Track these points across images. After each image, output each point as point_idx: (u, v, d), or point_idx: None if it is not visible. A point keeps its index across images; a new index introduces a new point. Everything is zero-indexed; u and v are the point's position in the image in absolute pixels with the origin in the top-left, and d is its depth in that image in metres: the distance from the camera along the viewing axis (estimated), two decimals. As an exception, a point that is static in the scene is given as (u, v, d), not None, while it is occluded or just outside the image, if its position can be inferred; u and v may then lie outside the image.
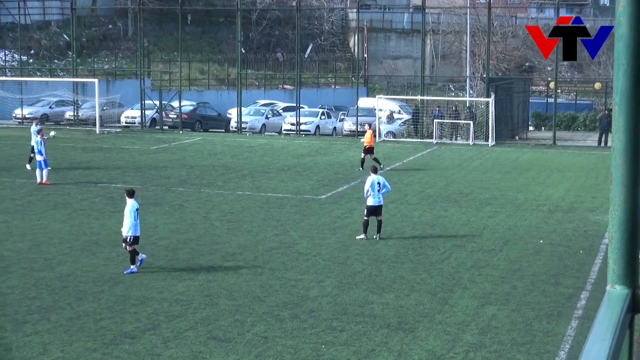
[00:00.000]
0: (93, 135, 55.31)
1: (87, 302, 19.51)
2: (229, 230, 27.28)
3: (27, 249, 24.51)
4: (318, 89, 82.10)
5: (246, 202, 32.19)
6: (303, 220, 28.85)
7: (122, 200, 31.75)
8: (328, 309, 19.13)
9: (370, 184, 26.01)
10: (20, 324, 17.92)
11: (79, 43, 73.09)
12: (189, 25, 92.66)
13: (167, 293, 20.26)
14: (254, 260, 23.44)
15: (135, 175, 38.14)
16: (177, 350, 16.50)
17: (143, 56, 65.90)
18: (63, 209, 30.33)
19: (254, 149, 48.96)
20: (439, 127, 54.58)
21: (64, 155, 41.14)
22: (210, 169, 40.40)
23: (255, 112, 63.45)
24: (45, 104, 65.33)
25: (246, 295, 20.10)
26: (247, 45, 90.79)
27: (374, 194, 25.96)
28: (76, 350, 16.46)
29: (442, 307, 19.40)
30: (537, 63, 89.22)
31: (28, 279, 21.33)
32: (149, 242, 25.40)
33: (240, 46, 63.98)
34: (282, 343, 16.91)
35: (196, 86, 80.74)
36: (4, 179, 36.54)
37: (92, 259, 23.37)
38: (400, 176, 38.94)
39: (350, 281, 21.47)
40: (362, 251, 24.60)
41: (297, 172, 39.98)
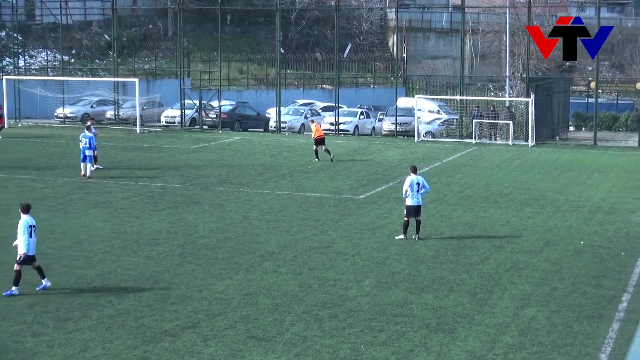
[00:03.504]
0: (133, 135, 55.68)
1: (127, 299, 19.67)
2: (268, 229, 27.36)
3: (69, 247, 24.75)
4: (357, 89, 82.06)
5: (285, 201, 32.27)
6: (342, 220, 28.87)
7: (162, 199, 32.07)
8: (367, 309, 19.13)
9: (409, 184, 25.96)
10: (62, 321, 18.11)
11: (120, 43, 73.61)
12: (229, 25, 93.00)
13: (206, 292, 20.37)
14: (293, 260, 23.50)
15: (175, 174, 38.36)
16: (216, 348, 16.60)
17: (183, 56, 66.26)
18: (104, 208, 30.58)
19: (292, 148, 49.05)
20: (478, 127, 54.37)
21: (105, 154, 41.45)
22: (250, 169, 40.53)
23: (294, 111, 63.54)
24: (86, 103, 65.87)
25: (285, 295, 20.16)
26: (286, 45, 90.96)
27: (413, 194, 25.91)
28: (117, 347, 16.60)
29: (482, 308, 19.34)
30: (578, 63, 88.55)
31: (70, 277, 21.54)
32: (189, 240, 25.57)
33: (280, 46, 64.10)
34: (320, 342, 16.94)
35: (235, 86, 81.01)
36: (46, 178, 36.90)
37: (133, 257, 23.55)
38: (439, 176, 38.84)
39: (389, 281, 21.46)
40: (401, 251, 24.58)
41: (336, 172, 40.00)
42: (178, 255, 23.82)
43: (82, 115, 63.14)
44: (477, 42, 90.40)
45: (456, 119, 58.86)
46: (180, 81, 62.93)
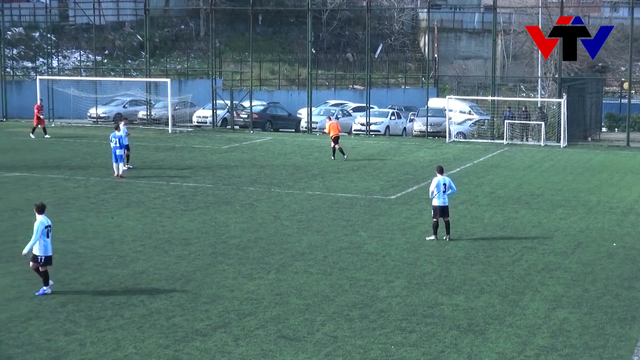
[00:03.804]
0: (165, 135, 55.94)
1: (159, 299, 19.77)
2: (299, 229, 27.41)
3: (101, 246, 24.92)
4: (388, 89, 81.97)
5: (316, 201, 32.31)
6: (373, 221, 28.87)
7: (193, 199, 32.21)
8: (397, 309, 19.13)
9: (436, 184, 25.93)
10: (94, 319, 18.24)
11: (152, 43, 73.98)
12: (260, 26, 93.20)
13: (237, 291, 20.44)
14: (323, 260, 23.53)
15: (207, 174, 38.51)
16: (247, 348, 16.65)
17: (215, 56, 66.49)
18: (136, 207, 30.75)
19: (324, 148, 49.06)
20: (510, 127, 54.16)
21: (137, 154, 41.68)
22: (281, 169, 40.61)
23: (325, 112, 63.55)
24: (119, 103, 66.26)
25: (316, 295, 20.19)
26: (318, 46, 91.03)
27: (440, 195, 25.88)
28: (148, 346, 16.70)
29: (513, 309, 19.27)
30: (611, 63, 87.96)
31: (102, 276, 21.69)
32: (221, 240, 25.66)
33: (311, 46, 64.18)
34: (351, 343, 16.96)
35: (267, 86, 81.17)
36: (79, 177, 37.16)
37: (164, 257, 23.67)
38: (470, 177, 38.74)
39: (420, 282, 21.44)
40: (431, 252, 24.54)
41: (367, 172, 40.00)
42: (209, 255, 23.92)
43: (115, 115, 63.51)
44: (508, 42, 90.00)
45: (488, 119, 58.65)
46: (212, 81, 63.14)
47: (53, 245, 24.57)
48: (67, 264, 22.74)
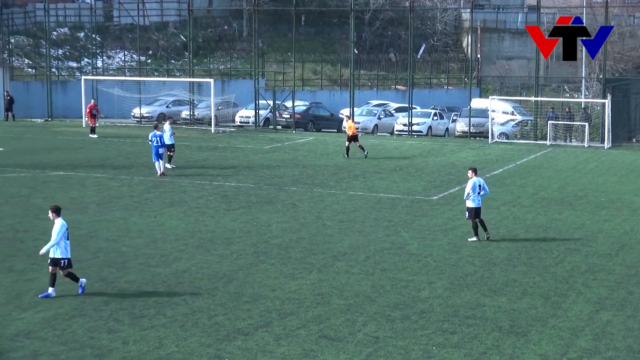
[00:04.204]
0: (208, 135, 56.21)
1: (201, 298, 19.89)
2: (340, 230, 27.43)
3: (145, 245, 25.10)
4: (430, 90, 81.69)
5: (358, 202, 32.31)
6: (414, 221, 28.82)
7: (236, 199, 32.34)
8: (439, 310, 19.09)
9: (472, 186, 25.87)
10: (137, 318, 18.39)
11: (196, 43, 74.34)
12: (303, 26, 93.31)
13: (279, 291, 20.50)
14: (365, 261, 23.54)
15: (249, 174, 38.64)
16: (288, 347, 16.70)
17: (257, 56, 66.66)
18: (179, 207, 30.94)
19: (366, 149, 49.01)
20: (553, 128, 53.80)
21: (180, 154, 41.92)
22: (323, 169, 40.65)
23: (367, 112, 63.53)
24: (162, 103, 66.66)
25: (357, 295, 20.20)
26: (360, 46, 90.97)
27: (475, 196, 25.85)
28: (190, 345, 16.80)
29: (556, 311, 19.16)
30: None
31: (145, 275, 21.85)
32: (263, 240, 25.75)
33: (353, 46, 64.18)
34: (392, 343, 16.95)
35: (309, 86, 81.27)
36: (122, 177, 37.45)
37: (207, 256, 23.80)
38: (513, 178, 38.55)
39: (462, 283, 21.38)
40: (473, 253, 24.46)
41: (409, 172, 39.93)
42: (251, 255, 24.01)
43: (158, 115, 63.91)
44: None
45: (531, 120, 58.29)
46: (255, 82, 63.32)
47: (97, 244, 24.89)
48: (111, 263, 22.95)
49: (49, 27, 70.26)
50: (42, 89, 67.28)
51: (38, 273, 21.70)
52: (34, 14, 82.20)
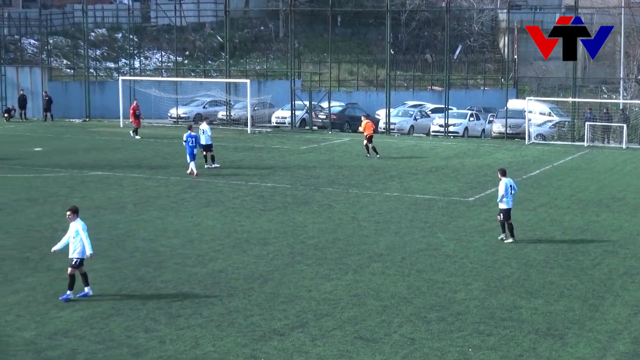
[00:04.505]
0: (244, 135, 56.37)
1: (237, 298, 19.96)
2: (376, 230, 27.41)
3: (181, 245, 25.22)
4: (467, 90, 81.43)
5: (394, 203, 32.27)
6: (451, 222, 28.75)
7: (272, 199, 32.40)
8: (475, 312, 19.03)
9: (504, 187, 25.82)
10: (174, 317, 18.49)
11: (232, 44, 74.59)
12: (339, 27, 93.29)
13: (315, 292, 20.53)
14: (401, 262, 23.51)
15: (285, 175, 38.71)
16: (324, 348, 16.72)
17: (294, 57, 66.75)
18: (215, 207, 31.06)
19: (402, 150, 49.00)
20: (591, 129, 53.43)
21: (216, 154, 42.04)
22: (359, 170, 40.63)
23: (403, 113, 63.44)
24: (199, 103, 66.93)
25: (393, 296, 20.19)
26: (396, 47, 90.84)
27: (508, 197, 25.83)
28: (227, 345, 16.87)
29: (593, 314, 19.04)
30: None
31: (181, 274, 21.96)
32: (299, 240, 25.79)
33: (390, 47, 64.11)
34: (428, 345, 16.92)
35: (345, 87, 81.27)
36: (159, 177, 37.65)
37: (243, 256, 23.87)
38: (550, 179, 38.34)
39: (498, 285, 21.29)
40: (510, 255, 24.35)
41: (445, 173, 39.82)
42: (287, 255, 24.06)
43: (195, 115, 64.20)
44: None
45: (568, 121, 57.94)
46: (291, 82, 63.42)
47: (134, 244, 25.05)
48: (148, 262, 23.09)
49: (87, 28, 70.79)
50: (80, 89, 67.80)
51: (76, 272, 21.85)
52: (72, 15, 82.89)
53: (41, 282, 21.04)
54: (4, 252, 24.03)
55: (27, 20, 78.79)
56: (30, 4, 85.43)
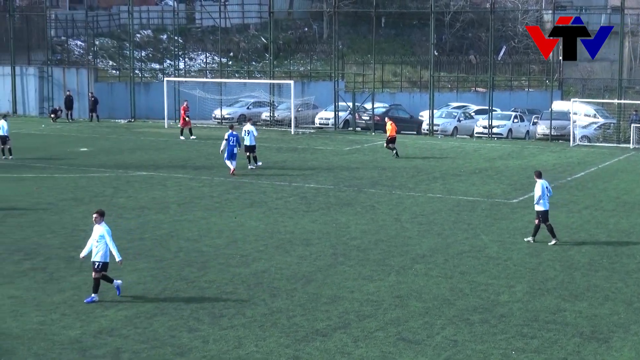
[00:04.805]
0: (288, 136, 56.49)
1: (280, 298, 20.03)
2: (419, 232, 27.37)
3: (225, 245, 25.36)
4: (511, 92, 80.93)
5: (437, 204, 32.20)
6: (494, 224, 28.63)
7: (315, 200, 32.46)
8: (519, 314, 18.95)
9: (541, 189, 25.79)
10: (217, 317, 18.60)
11: (276, 45, 74.73)
12: (383, 28, 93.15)
13: (358, 293, 20.55)
14: (444, 263, 23.46)
15: (328, 176, 38.75)
16: (367, 349, 16.74)
17: (337, 58, 66.77)
18: (259, 207, 31.17)
19: (445, 151, 48.85)
20: (637, 131, 52.91)
21: (260, 155, 42.19)
22: (402, 171, 40.57)
23: (447, 114, 63.21)
24: (243, 104, 67.16)
25: (436, 298, 20.16)
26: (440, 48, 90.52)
27: (545, 199, 25.77)
28: (269, 345, 16.94)
29: (638, 317, 18.87)
30: None
31: (225, 274, 22.08)
32: (341, 241, 25.82)
33: (433, 48, 63.93)
34: (471, 347, 16.88)
35: (389, 88, 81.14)
36: (203, 177, 37.86)
37: (286, 257, 23.95)
38: (595, 182, 38.03)
39: (542, 287, 21.18)
40: (554, 257, 24.21)
41: (489, 175, 39.65)
42: (330, 256, 24.10)
43: (239, 116, 64.43)
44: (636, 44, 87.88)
45: (613, 123, 57.39)
46: (335, 83, 63.43)
47: (178, 244, 25.23)
48: (192, 262, 23.24)
49: (133, 29, 71.32)
50: (125, 90, 68.32)
51: (120, 271, 22.06)
52: (118, 17, 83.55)
53: (86, 281, 21.24)
54: (50, 252, 24.32)
55: (74, 22, 79.57)
56: (77, 5, 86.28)
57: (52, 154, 45.67)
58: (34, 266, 22.88)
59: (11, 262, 23.25)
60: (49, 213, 29.64)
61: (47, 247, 24.95)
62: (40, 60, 70.89)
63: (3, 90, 69.85)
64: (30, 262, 23.24)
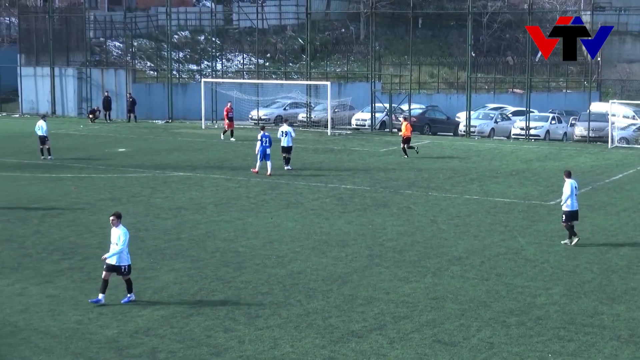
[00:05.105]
0: (324, 137, 56.53)
1: (316, 299, 20.06)
2: (455, 234, 27.30)
3: (261, 245, 25.43)
4: (548, 93, 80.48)
5: (474, 206, 32.09)
6: (531, 226, 28.49)
7: (351, 201, 32.46)
8: (555, 317, 18.85)
9: (570, 188, 25.66)
10: (253, 318, 18.66)
11: (313, 46, 74.88)
12: (420, 29, 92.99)
13: (393, 294, 20.54)
14: (480, 265, 23.38)
15: (364, 177, 38.73)
16: (402, 351, 16.73)
17: (374, 59, 66.70)
18: (295, 208, 31.23)
19: (482, 153, 48.66)
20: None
21: (296, 156, 42.28)
22: (438, 172, 40.46)
23: (484, 115, 62.97)
24: (279, 105, 67.26)
25: (472, 300, 20.10)
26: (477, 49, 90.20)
27: (574, 199, 25.64)
28: (305, 346, 16.97)
29: (676, 321, 18.73)
30: None
31: (261, 275, 22.15)
32: (377, 242, 25.81)
33: (471, 49, 63.71)
34: (507, 350, 16.82)
35: (425, 89, 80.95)
36: (240, 178, 37.99)
37: (322, 258, 23.98)
38: (633, 184, 37.73)
39: (579, 290, 21.05)
40: (592, 260, 24.04)
41: (526, 177, 39.45)
42: (366, 257, 24.10)
43: (276, 117, 64.56)
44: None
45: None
46: (371, 84, 63.41)
47: (215, 244, 25.35)
48: (228, 263, 23.33)
49: (171, 30, 71.71)
50: (163, 91, 68.71)
51: (157, 271, 22.23)
52: (156, 18, 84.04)
53: (123, 281, 21.38)
54: (88, 251, 24.51)
55: (113, 23, 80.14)
56: (115, 7, 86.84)
57: (90, 154, 46.04)
58: (72, 266, 23.09)
59: (49, 261, 23.48)
60: (86, 213, 29.88)
61: (84, 246, 25.16)
62: (79, 61, 71.44)
63: (42, 91, 70.54)
64: (68, 262, 23.44)
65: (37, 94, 70.92)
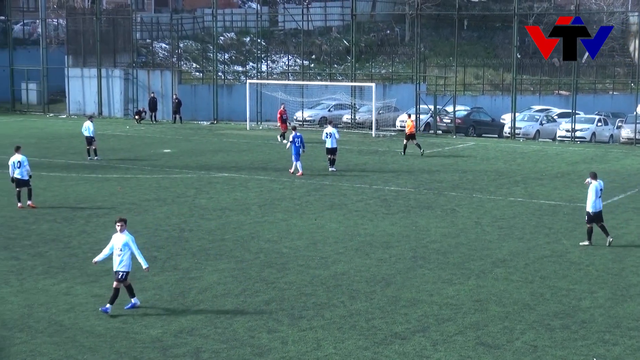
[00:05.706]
0: (369, 139, 56.51)
1: (359, 301, 20.09)
2: (500, 236, 27.19)
3: (304, 247, 25.50)
4: (595, 95, 79.84)
5: (518, 208, 31.92)
6: (576, 229, 28.27)
7: (395, 203, 32.44)
8: (600, 321, 18.72)
9: (595, 190, 25.53)
10: (296, 319, 18.73)
11: (358, 48, 74.87)
12: (465, 30, 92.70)
13: (437, 296, 20.51)
14: (524, 268, 23.27)
15: (409, 179, 38.67)
16: (445, 353, 16.70)
17: (419, 61, 66.56)
18: (339, 210, 31.27)
19: (527, 155, 48.37)
20: None
21: (341, 157, 42.29)
22: (483, 174, 40.30)
23: (529, 117, 62.60)
24: (324, 107, 67.32)
25: (516, 303, 20.01)
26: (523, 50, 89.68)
27: (598, 200, 25.46)
28: (348, 347, 17.01)
29: None
30: None
31: (304, 276, 22.21)
32: (421, 244, 25.78)
33: (516, 51, 63.36)
34: (551, 353, 16.73)
35: (470, 91, 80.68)
36: (284, 179, 38.09)
37: (365, 259, 24.00)
38: (681, 187, 37.35)
39: (625, 293, 20.88)
40: (637, 263, 23.83)
41: (571, 179, 39.16)
42: (409, 259, 24.08)
43: (320, 118, 64.65)
44: None
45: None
46: (416, 86, 63.26)
47: (259, 245, 25.46)
48: (272, 263, 23.43)
49: (217, 32, 72.07)
50: (208, 92, 69.05)
51: (201, 272, 22.38)
52: (202, 20, 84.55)
53: (168, 281, 21.58)
54: (134, 251, 24.68)
55: (159, 25, 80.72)
56: (162, 8, 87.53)
57: (136, 155, 46.42)
58: (118, 265, 23.26)
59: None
60: (132, 213, 30.12)
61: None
62: (126, 63, 72.03)
63: (89, 92, 71.20)
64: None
65: (84, 95, 71.62)
